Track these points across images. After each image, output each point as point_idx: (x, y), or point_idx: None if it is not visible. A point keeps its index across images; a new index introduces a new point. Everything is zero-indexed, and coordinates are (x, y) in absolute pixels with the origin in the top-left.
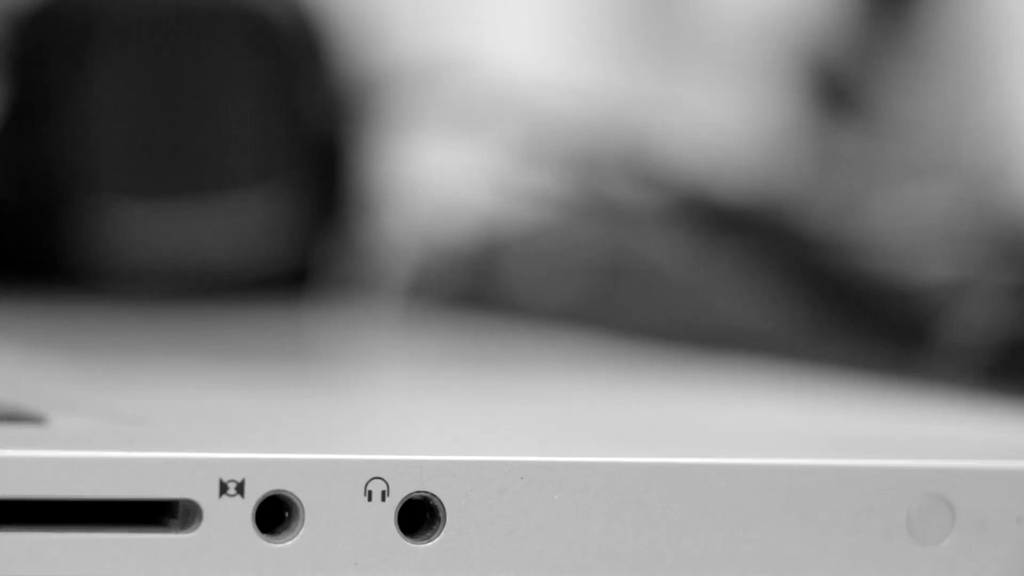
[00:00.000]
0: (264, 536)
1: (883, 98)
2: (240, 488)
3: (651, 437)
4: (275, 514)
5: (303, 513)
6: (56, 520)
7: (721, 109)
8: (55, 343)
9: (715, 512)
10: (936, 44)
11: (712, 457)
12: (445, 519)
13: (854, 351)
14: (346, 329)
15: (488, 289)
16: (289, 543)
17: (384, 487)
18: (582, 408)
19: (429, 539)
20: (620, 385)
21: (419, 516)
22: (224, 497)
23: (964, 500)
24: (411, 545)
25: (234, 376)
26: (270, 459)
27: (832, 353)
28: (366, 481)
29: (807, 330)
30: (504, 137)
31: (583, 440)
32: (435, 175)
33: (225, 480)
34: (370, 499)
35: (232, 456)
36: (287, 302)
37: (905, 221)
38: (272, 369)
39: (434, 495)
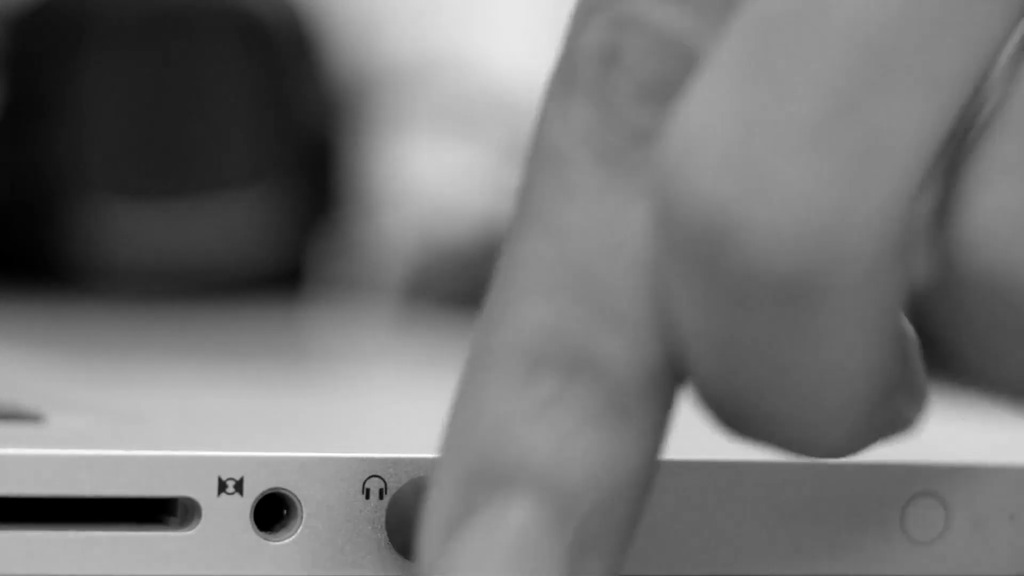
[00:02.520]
0: (263, 534)
1: None
2: (239, 486)
3: None
4: (274, 512)
5: (301, 511)
6: (55, 519)
7: None
8: (53, 343)
9: (706, 510)
10: None
11: (699, 455)
12: None
13: None
14: (343, 328)
15: (487, 289)
16: (288, 540)
17: (382, 485)
18: None
19: None
20: None
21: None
22: (223, 495)
23: (958, 498)
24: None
25: (232, 376)
26: (269, 457)
27: None
28: (364, 479)
29: None
30: (501, 136)
31: None
32: (432, 174)
33: (224, 478)
34: (368, 497)
35: (231, 454)
36: (282, 302)
37: None
38: (269, 369)
39: None
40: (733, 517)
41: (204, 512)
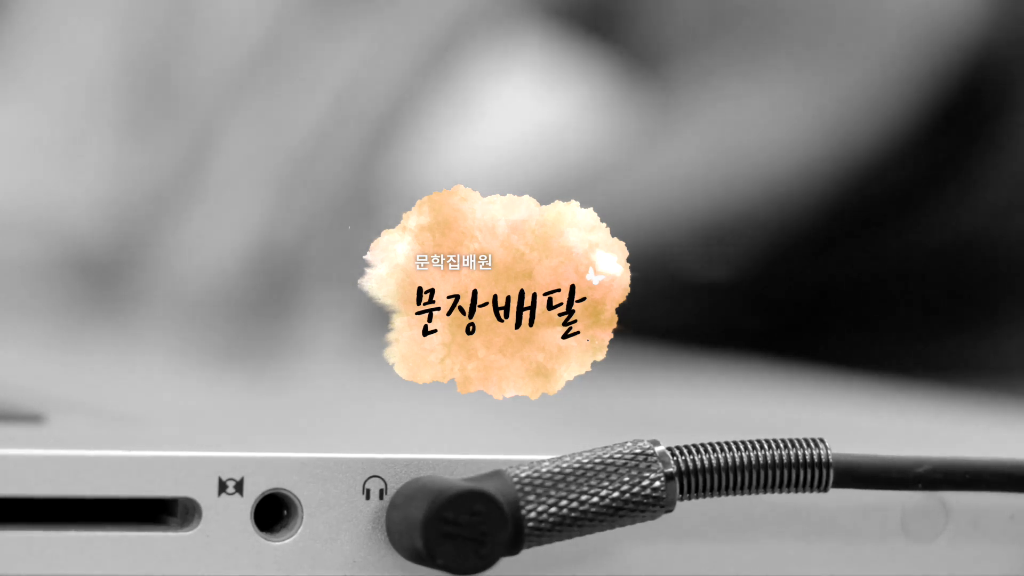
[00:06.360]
0: (263, 534)
1: None
2: (239, 486)
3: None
4: (274, 512)
5: (301, 511)
6: (57, 519)
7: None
8: (54, 343)
9: (707, 510)
10: None
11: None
12: None
13: None
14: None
15: None
16: (288, 541)
17: (382, 485)
18: (592, 403)
19: None
20: (638, 381)
21: None
22: (223, 495)
23: (958, 498)
24: None
25: (234, 376)
26: (268, 458)
27: None
28: (364, 479)
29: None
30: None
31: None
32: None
33: (224, 478)
34: (368, 497)
35: (231, 455)
36: None
37: None
38: (271, 369)
39: None
40: (733, 517)
41: (204, 512)
